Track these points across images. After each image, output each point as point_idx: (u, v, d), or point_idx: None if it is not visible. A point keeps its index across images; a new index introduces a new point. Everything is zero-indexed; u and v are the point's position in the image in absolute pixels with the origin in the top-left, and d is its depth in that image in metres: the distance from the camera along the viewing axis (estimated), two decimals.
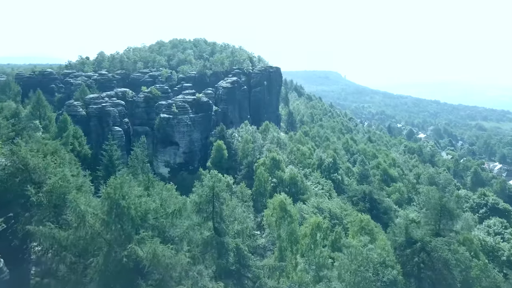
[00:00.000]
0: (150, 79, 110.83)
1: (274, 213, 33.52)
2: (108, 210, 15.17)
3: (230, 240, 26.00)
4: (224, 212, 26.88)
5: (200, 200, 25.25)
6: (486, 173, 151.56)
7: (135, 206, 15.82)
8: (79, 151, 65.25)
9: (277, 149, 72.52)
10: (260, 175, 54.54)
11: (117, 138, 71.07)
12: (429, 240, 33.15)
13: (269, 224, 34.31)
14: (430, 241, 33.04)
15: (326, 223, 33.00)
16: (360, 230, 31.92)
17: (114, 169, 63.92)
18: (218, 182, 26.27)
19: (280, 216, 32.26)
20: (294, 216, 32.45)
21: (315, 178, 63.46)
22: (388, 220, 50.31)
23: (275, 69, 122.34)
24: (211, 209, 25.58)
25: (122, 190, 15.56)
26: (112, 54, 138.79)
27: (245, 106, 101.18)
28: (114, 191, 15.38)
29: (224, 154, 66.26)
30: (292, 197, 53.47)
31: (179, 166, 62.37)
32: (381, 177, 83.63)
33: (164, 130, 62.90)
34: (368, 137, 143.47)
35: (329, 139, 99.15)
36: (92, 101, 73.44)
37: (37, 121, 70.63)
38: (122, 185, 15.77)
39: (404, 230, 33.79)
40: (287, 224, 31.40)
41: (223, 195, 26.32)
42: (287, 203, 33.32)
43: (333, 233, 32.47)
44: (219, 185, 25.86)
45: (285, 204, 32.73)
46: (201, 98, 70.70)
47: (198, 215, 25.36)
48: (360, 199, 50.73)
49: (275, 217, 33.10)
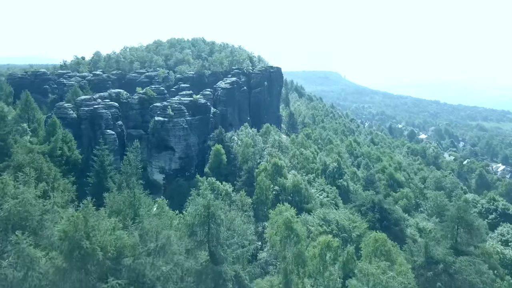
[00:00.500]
0: (147, 80, 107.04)
1: (279, 232, 29.82)
2: (67, 254, 11.42)
3: (229, 268, 22.30)
4: (221, 234, 23.20)
5: (193, 222, 21.58)
6: (491, 175, 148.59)
7: (104, 245, 12.07)
8: (69, 156, 61.44)
9: (279, 153, 68.86)
10: (261, 182, 50.86)
11: (110, 142, 67.24)
12: (453, 261, 29.49)
13: (273, 244, 30.57)
14: (453, 262, 29.39)
15: (336, 241, 29.30)
16: (375, 251, 28.25)
17: (105, 175, 60.06)
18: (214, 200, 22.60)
19: (285, 236, 28.60)
20: (301, 235, 28.79)
21: (320, 184, 59.80)
22: (400, 232, 46.64)
23: (276, 69, 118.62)
24: (206, 231, 21.96)
25: (86, 226, 11.79)
26: (108, 54, 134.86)
27: (245, 108, 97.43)
28: (75, 228, 11.60)
29: (223, 159, 62.56)
30: (295, 206, 49.88)
31: (174, 173, 58.54)
32: (387, 182, 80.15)
33: (158, 134, 59.06)
34: (371, 138, 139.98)
35: (332, 142, 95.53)
36: (84, 103, 69.62)
37: (25, 124, 66.89)
38: (86, 220, 12.01)
39: (423, 249, 30.16)
40: (293, 244, 27.71)
41: (220, 214, 22.65)
42: (293, 220, 29.61)
43: (345, 253, 28.75)
44: (215, 203, 22.20)
45: (291, 222, 29.07)
46: (199, 99, 66.94)
47: (191, 239, 21.75)
48: (369, 209, 47.06)
49: (279, 236, 29.39)
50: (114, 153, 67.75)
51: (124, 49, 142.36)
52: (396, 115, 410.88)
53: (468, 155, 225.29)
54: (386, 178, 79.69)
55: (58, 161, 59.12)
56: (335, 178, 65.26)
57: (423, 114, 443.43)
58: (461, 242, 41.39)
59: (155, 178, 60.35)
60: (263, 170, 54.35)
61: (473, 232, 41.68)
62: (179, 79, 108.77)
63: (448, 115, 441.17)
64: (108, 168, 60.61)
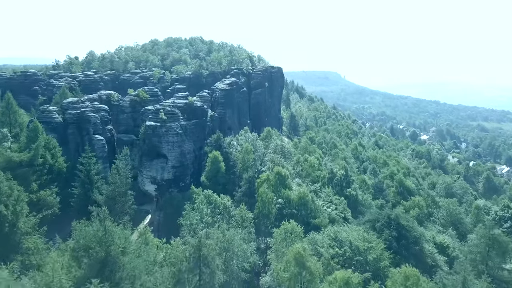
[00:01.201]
0: (141, 81, 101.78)
1: (288, 267, 24.65)
2: None
3: None
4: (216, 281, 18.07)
5: (180, 268, 16.47)
6: (498, 178, 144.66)
7: None
8: (52, 164, 56.06)
9: (281, 160, 63.78)
10: (263, 194, 45.77)
11: (98, 149, 62.00)
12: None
13: (280, 282, 25.31)
14: None
15: (357, 277, 24.23)
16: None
17: (92, 186, 54.75)
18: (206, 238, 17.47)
19: (295, 273, 23.50)
20: (315, 272, 23.70)
21: (327, 195, 54.70)
22: (419, 251, 41.59)
23: (277, 69, 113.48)
24: (197, 279, 16.90)
25: None
26: (102, 54, 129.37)
27: (245, 110, 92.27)
28: None
29: (221, 166, 57.37)
30: (302, 221, 44.90)
31: (167, 183, 53.26)
32: (396, 189, 75.26)
33: (150, 140, 53.73)
34: (375, 141, 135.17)
35: (336, 146, 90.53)
36: (70, 106, 64.26)
37: (6, 129, 61.58)
38: None
39: (460, 284, 25.00)
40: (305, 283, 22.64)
41: (214, 257, 17.55)
42: (306, 255, 24.41)
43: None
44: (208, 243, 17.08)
45: (303, 258, 23.97)
46: (195, 102, 61.72)
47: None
48: (384, 226, 42.01)
49: (288, 273, 24.26)
50: (103, 161, 62.46)
51: (119, 49, 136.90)
52: (396, 116, 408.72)
53: (471, 156, 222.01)
54: (396, 185, 74.79)
55: (40, 170, 53.91)
56: (342, 187, 60.21)
57: (423, 114, 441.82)
58: (492, 266, 36.38)
59: (146, 189, 55.01)
60: (265, 180, 49.23)
61: (507, 255, 36.70)
62: (175, 80, 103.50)
63: (448, 115, 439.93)
64: (95, 178, 55.33)
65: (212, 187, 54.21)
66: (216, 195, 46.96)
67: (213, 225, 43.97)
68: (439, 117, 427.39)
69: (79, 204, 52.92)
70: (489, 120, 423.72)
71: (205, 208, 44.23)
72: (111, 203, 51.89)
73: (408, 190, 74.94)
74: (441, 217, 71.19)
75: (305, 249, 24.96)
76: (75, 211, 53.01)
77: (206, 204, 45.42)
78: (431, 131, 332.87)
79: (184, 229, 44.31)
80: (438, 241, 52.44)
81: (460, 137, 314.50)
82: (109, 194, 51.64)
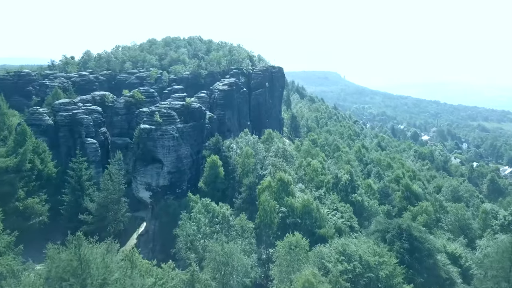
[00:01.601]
0: (138, 81, 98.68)
1: None
2: None
3: None
4: None
5: None
6: (502, 180, 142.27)
7: None
8: (41, 169, 52.97)
9: (283, 164, 60.82)
10: (265, 203, 42.87)
11: (91, 153, 59.03)
12: None
13: None
14: None
15: None
16: None
17: (82, 192, 51.75)
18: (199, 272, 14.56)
19: None
20: None
21: (332, 202, 51.78)
22: (433, 265, 38.69)
23: (278, 69, 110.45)
24: None
25: None
26: (98, 54, 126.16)
27: (245, 111, 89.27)
28: None
29: (220, 171, 54.41)
30: (306, 231, 42.02)
31: (163, 190, 50.24)
32: (402, 194, 72.40)
33: (144, 144, 50.67)
34: (378, 142, 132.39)
35: (339, 148, 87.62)
36: (62, 108, 61.27)
37: None
38: None
39: None
40: None
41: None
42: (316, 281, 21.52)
43: None
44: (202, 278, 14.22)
45: (313, 285, 21.14)
46: (192, 103, 58.71)
47: None
48: (395, 237, 39.13)
49: None
50: (96, 165, 59.47)
51: (116, 48, 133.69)
52: (396, 116, 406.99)
53: (473, 157, 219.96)
54: (402, 189, 71.94)
55: (28, 176, 50.89)
56: (348, 192, 57.29)
57: (423, 114, 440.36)
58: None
59: (140, 196, 51.99)
60: (266, 187, 46.28)
61: None
62: (173, 80, 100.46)
63: (448, 115, 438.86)
64: (86, 184, 52.31)
65: (210, 193, 51.31)
66: (215, 204, 44.03)
67: (211, 236, 41.09)
68: (439, 117, 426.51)
69: (70, 212, 49.98)
70: (489, 120, 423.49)
71: (203, 217, 41.27)
72: (103, 211, 49.03)
73: (415, 195, 72.05)
74: (449, 222, 68.40)
75: (315, 275, 22.07)
76: (65, 219, 50.12)
77: (204, 213, 42.47)
78: (431, 131, 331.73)
79: (180, 239, 41.43)
80: (450, 250, 49.57)
81: (461, 137, 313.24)
82: (101, 201, 48.74)
